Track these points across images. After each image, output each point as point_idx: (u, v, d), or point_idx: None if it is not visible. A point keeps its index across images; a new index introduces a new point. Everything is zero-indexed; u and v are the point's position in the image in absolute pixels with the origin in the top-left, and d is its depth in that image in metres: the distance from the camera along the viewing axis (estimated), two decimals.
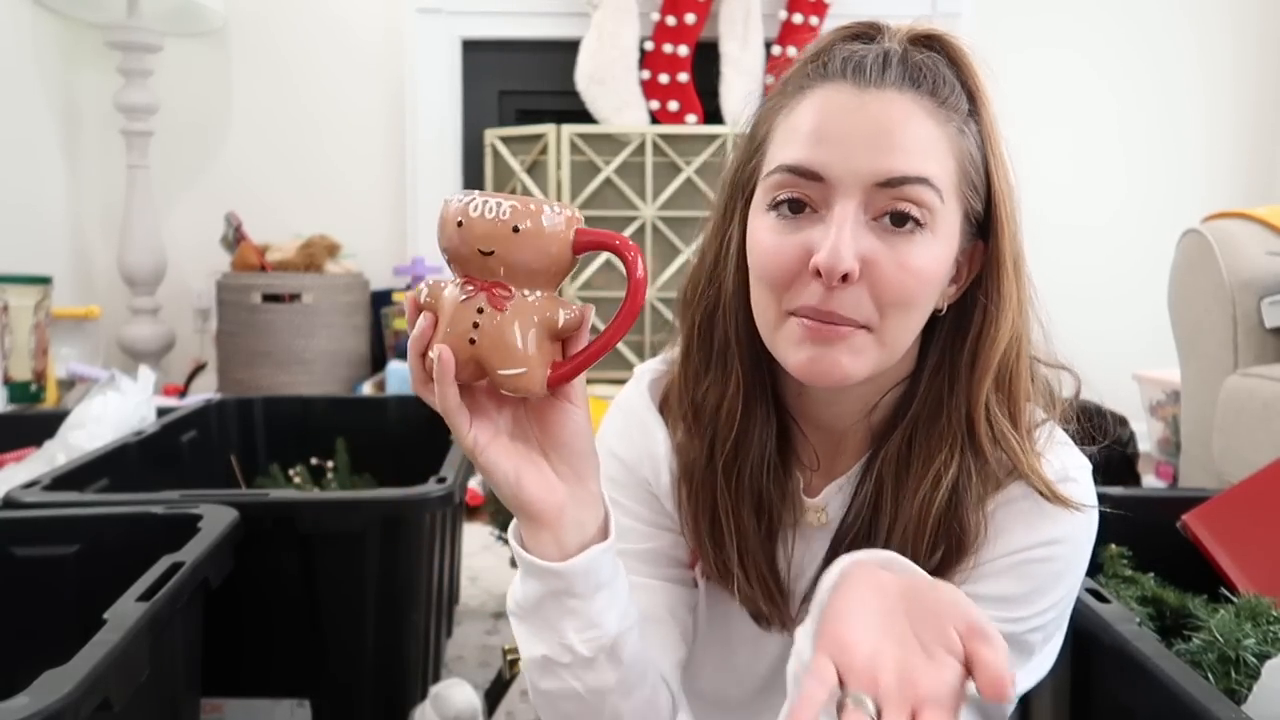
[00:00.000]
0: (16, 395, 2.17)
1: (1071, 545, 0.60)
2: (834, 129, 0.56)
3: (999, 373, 0.60)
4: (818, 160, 0.56)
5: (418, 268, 2.63)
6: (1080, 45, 2.91)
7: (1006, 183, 0.60)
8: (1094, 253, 2.93)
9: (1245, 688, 0.74)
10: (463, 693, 1.19)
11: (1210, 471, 1.61)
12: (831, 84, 0.58)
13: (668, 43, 2.64)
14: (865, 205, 0.56)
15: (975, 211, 0.60)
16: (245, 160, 2.86)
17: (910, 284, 0.56)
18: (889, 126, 0.56)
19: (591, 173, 2.57)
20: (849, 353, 0.57)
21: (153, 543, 0.88)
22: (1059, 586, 0.60)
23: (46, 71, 2.60)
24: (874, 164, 0.55)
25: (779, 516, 0.66)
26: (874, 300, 0.56)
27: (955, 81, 0.59)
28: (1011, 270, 0.59)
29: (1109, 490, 1.08)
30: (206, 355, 2.82)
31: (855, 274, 0.55)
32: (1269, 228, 1.67)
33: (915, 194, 0.55)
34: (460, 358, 0.50)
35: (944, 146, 0.57)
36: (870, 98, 0.56)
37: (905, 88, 0.57)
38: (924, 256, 0.56)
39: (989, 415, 0.60)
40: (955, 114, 0.58)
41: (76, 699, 0.59)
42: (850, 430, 0.66)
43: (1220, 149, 2.95)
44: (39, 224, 2.57)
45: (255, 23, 2.82)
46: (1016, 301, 0.60)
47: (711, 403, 0.65)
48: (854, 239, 0.55)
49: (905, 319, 0.58)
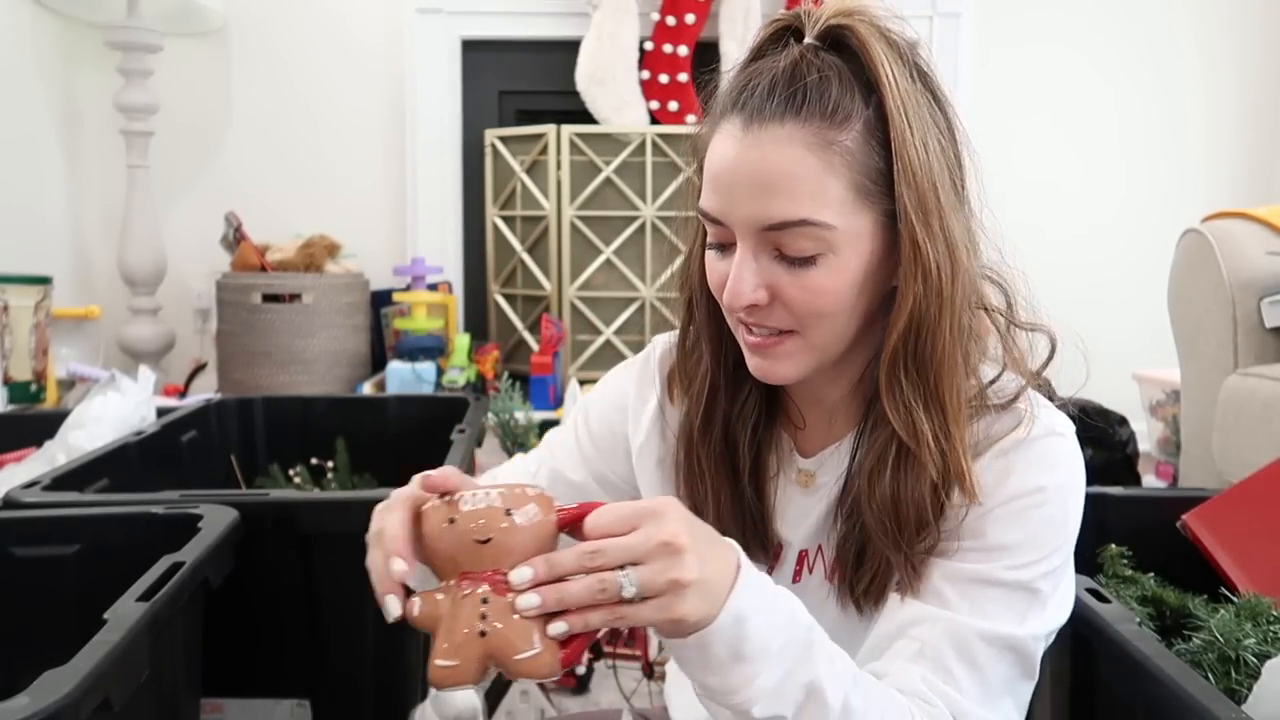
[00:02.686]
0: (16, 395, 2.17)
1: (1060, 491, 0.62)
2: (724, 177, 0.61)
3: (904, 347, 0.62)
4: (715, 209, 0.63)
5: (418, 268, 2.63)
6: (1080, 45, 2.91)
7: (910, 168, 0.60)
8: (1094, 252, 2.93)
9: (1245, 688, 0.74)
10: (463, 693, 1.19)
11: (1210, 471, 1.61)
12: (728, 121, 0.62)
13: (668, 43, 2.64)
14: (759, 244, 0.62)
15: (889, 209, 0.61)
16: (245, 160, 2.86)
17: (817, 303, 0.62)
18: (766, 172, 0.59)
19: (591, 173, 2.57)
20: (783, 357, 0.64)
21: (153, 543, 0.88)
22: (1058, 532, 0.62)
23: (46, 71, 2.60)
24: (756, 211, 0.60)
25: (759, 475, 0.72)
26: (792, 315, 0.63)
27: (851, 87, 0.60)
28: (910, 260, 0.60)
29: (1109, 490, 1.09)
30: (206, 355, 2.82)
31: (762, 300, 0.62)
32: (1269, 228, 1.67)
33: (800, 233, 0.60)
34: (471, 654, 0.50)
35: (828, 178, 0.59)
36: (751, 141, 0.60)
37: (788, 118, 0.59)
38: (827, 278, 0.61)
39: (893, 387, 0.62)
40: (847, 125, 0.60)
41: (76, 699, 0.59)
42: (841, 401, 0.70)
43: (1220, 149, 2.95)
44: (39, 224, 2.57)
45: (255, 23, 2.82)
46: (922, 285, 0.60)
47: (694, 376, 0.72)
48: (754, 274, 0.62)
49: (827, 325, 0.63)
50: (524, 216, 2.67)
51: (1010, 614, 0.60)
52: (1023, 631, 0.60)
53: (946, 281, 0.61)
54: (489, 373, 2.53)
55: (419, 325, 2.55)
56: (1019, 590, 0.60)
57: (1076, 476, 0.64)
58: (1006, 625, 0.60)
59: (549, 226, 2.59)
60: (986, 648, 0.59)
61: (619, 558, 0.50)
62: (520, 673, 0.50)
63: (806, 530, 0.71)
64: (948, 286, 0.61)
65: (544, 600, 0.50)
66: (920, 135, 0.60)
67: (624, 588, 0.49)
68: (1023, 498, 0.61)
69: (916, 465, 0.62)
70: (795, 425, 0.73)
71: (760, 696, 0.52)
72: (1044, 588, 0.61)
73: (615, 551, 0.50)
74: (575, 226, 2.58)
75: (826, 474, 0.70)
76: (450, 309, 2.67)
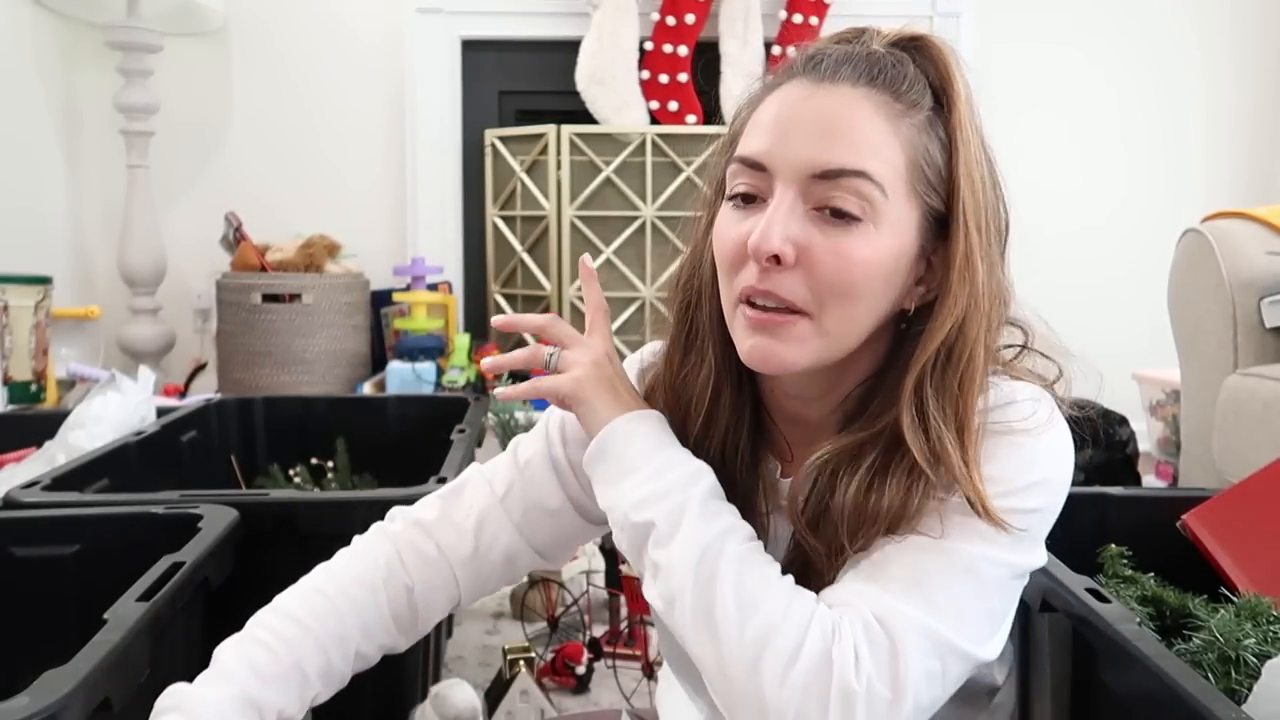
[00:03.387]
0: (16, 395, 2.17)
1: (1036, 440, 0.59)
2: (782, 121, 0.60)
3: (933, 367, 0.59)
4: (763, 151, 0.60)
5: (417, 268, 2.63)
6: (1081, 45, 2.91)
7: (972, 182, 0.59)
8: (1094, 252, 2.93)
9: (1245, 688, 0.74)
10: (463, 693, 1.18)
11: (1210, 471, 1.61)
12: (793, 80, 0.61)
13: (668, 43, 2.64)
14: (804, 195, 0.58)
15: (935, 210, 0.60)
16: (245, 160, 2.86)
17: (847, 272, 0.58)
18: (832, 118, 0.58)
19: (591, 173, 2.57)
20: (790, 340, 0.59)
21: (153, 543, 0.88)
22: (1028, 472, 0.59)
23: (46, 71, 2.60)
24: (812, 155, 0.58)
25: (752, 501, 0.68)
26: (810, 287, 0.58)
27: (922, 80, 0.61)
28: (963, 269, 0.59)
29: (1109, 490, 1.09)
30: (206, 355, 2.82)
31: (788, 256, 0.58)
32: (1269, 228, 1.67)
33: (852, 186, 0.57)
34: None
35: (893, 143, 0.58)
36: (822, 91, 0.59)
37: (860, 83, 0.59)
38: (862, 248, 0.58)
39: (919, 409, 0.59)
40: (914, 110, 0.60)
41: (76, 699, 0.59)
42: (823, 423, 0.67)
43: (1220, 149, 2.95)
44: (39, 224, 2.57)
45: (255, 23, 2.82)
46: (967, 300, 0.58)
47: (689, 385, 0.68)
48: (786, 224, 0.58)
49: (845, 309, 0.59)
50: (524, 216, 2.67)
51: (968, 532, 0.57)
52: (979, 550, 0.57)
53: (987, 301, 0.59)
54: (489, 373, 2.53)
55: (419, 325, 2.55)
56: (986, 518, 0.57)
57: (1060, 440, 0.61)
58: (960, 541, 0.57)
59: (549, 226, 2.59)
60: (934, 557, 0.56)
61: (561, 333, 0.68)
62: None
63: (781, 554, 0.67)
64: (987, 305, 0.59)
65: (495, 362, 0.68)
66: (979, 154, 0.60)
67: (549, 357, 0.67)
68: (999, 437, 0.59)
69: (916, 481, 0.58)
70: (783, 458, 0.69)
71: (634, 500, 0.61)
72: (1033, 524, 0.59)
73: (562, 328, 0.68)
74: (575, 226, 2.58)
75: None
76: (450, 309, 2.67)
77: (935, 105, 0.61)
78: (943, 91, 0.61)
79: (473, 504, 0.75)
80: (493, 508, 0.75)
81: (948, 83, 0.61)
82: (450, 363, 2.53)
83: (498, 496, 0.75)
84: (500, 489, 0.75)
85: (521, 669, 1.26)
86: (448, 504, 0.76)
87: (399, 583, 0.73)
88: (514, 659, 1.27)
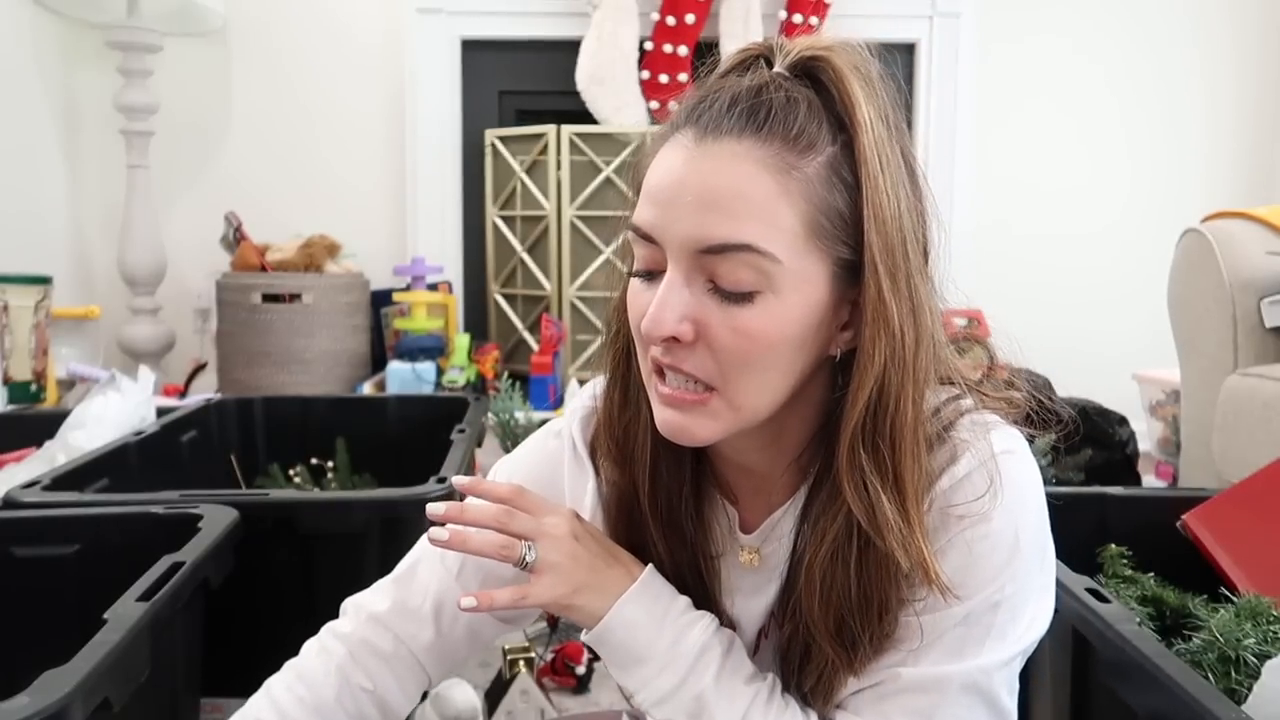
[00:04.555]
0: (16, 395, 2.17)
1: (1006, 515, 0.56)
2: (666, 190, 0.55)
3: (863, 427, 0.55)
4: (650, 224, 0.56)
5: (417, 267, 2.63)
6: (1081, 45, 2.91)
7: (881, 224, 0.54)
8: (1094, 252, 2.92)
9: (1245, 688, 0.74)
10: (463, 693, 1.19)
11: (1210, 471, 1.61)
12: (680, 134, 0.57)
13: (668, 43, 2.64)
14: (695, 269, 0.55)
15: (845, 259, 0.56)
16: (245, 160, 2.86)
17: (745, 348, 0.55)
18: (713, 186, 0.54)
19: (591, 173, 2.57)
20: (701, 416, 0.57)
21: (153, 543, 0.88)
22: (1009, 559, 0.57)
23: (46, 71, 2.60)
24: (693, 230, 0.54)
25: (705, 550, 0.66)
26: (716, 361, 0.56)
27: (818, 116, 0.55)
28: (876, 319, 0.54)
29: (1109, 490, 1.09)
30: (206, 355, 2.82)
31: (685, 335, 0.55)
32: (1269, 228, 1.67)
33: (740, 260, 0.53)
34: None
35: (782, 203, 0.53)
36: (703, 152, 0.54)
37: (746, 135, 0.54)
38: (761, 320, 0.54)
39: (858, 474, 0.56)
40: (811, 154, 0.54)
41: (76, 699, 0.59)
42: (771, 473, 0.64)
43: (1220, 149, 2.95)
44: (39, 224, 2.57)
45: (255, 23, 2.82)
46: (885, 351, 0.54)
47: (630, 435, 0.65)
48: (677, 304, 0.55)
49: (750, 380, 0.56)
50: (524, 216, 2.67)
51: (956, 647, 0.56)
52: (973, 664, 0.56)
53: (910, 347, 0.55)
54: (489, 373, 2.53)
55: (419, 325, 2.55)
56: (974, 625, 0.56)
57: (1025, 496, 0.58)
58: (955, 663, 0.56)
59: (549, 226, 2.59)
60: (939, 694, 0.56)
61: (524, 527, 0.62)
62: None
63: (759, 610, 0.66)
64: (911, 352, 0.55)
65: (450, 539, 0.60)
66: (892, 183, 0.55)
67: (525, 552, 0.61)
68: (965, 532, 0.56)
69: (879, 555, 0.56)
70: (730, 499, 0.67)
71: (655, 698, 0.60)
72: (999, 619, 0.56)
73: (523, 521, 0.62)
74: (575, 226, 2.58)
75: (771, 547, 0.65)
76: (450, 309, 2.67)
77: (840, 137, 0.55)
78: (848, 120, 0.55)
79: (427, 586, 0.71)
80: (449, 588, 0.71)
81: (849, 110, 0.55)
82: (450, 363, 2.53)
83: (452, 574, 0.71)
84: (454, 565, 0.71)
85: (521, 669, 1.26)
86: (401, 590, 0.72)
87: (355, 689, 0.70)
88: (514, 659, 1.27)
